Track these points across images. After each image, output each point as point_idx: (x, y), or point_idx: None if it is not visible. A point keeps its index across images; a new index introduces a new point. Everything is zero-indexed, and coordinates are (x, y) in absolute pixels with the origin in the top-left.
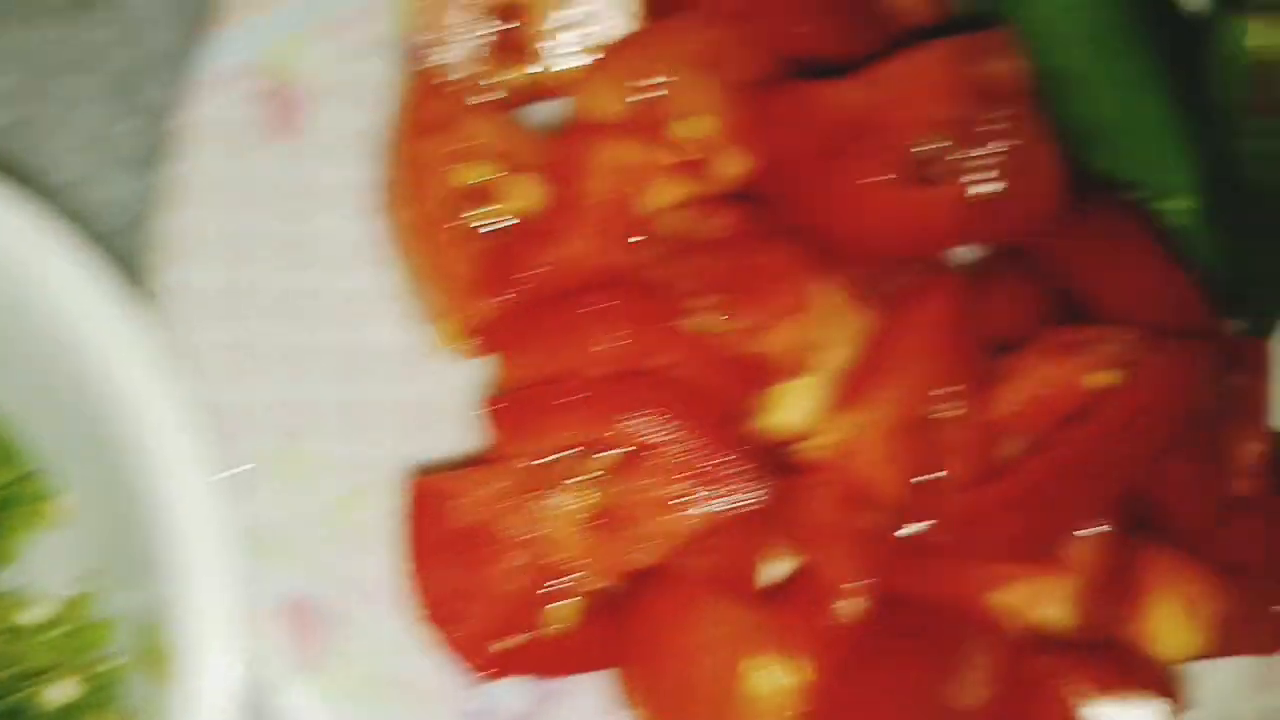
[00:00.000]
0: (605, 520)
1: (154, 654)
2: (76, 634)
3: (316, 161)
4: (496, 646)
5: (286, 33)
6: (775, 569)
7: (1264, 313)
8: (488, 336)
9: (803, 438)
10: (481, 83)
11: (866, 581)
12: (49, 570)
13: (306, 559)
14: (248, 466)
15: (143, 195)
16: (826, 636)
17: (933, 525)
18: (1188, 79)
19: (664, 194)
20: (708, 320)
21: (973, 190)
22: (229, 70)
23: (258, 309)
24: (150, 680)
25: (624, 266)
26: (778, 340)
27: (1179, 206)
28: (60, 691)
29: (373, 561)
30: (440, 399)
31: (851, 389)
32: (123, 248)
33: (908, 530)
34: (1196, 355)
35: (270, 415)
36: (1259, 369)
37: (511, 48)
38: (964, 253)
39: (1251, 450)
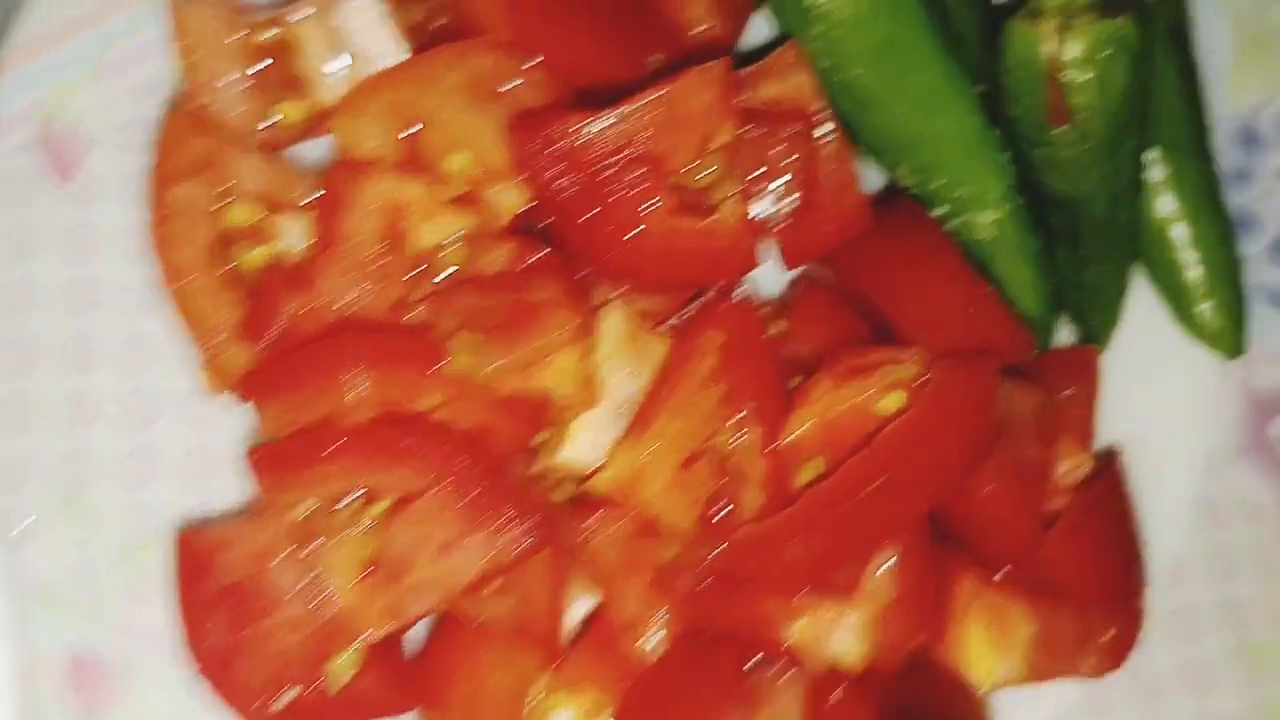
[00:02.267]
0: (379, 570)
1: None
2: None
3: (94, 206)
4: (275, 701)
5: (59, 79)
6: (579, 608)
7: (1095, 322)
8: (247, 384)
9: (593, 473)
10: (249, 122)
11: (662, 617)
12: None
13: (89, 611)
14: (30, 519)
15: None
16: (624, 673)
17: (725, 556)
18: (992, 91)
19: (436, 230)
20: (474, 361)
21: (756, 214)
22: (5, 120)
23: (38, 358)
24: None
25: (387, 307)
26: (556, 376)
27: (987, 220)
28: None
29: (156, 613)
30: (223, 447)
31: (638, 422)
32: None
33: (701, 563)
34: (983, 376)
35: (52, 466)
36: (1088, 380)
37: (281, 84)
38: (770, 274)
39: (1075, 466)
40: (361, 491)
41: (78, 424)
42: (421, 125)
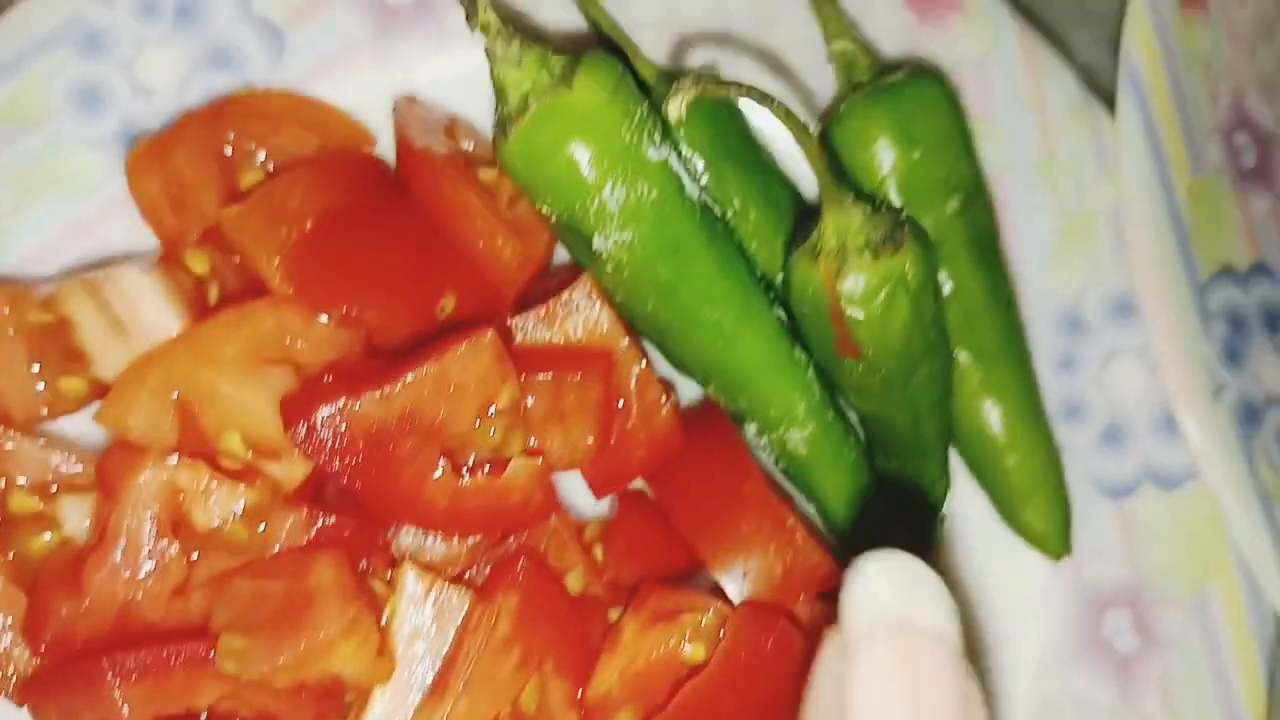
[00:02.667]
0: None
1: None
2: None
3: None
4: None
5: None
6: None
7: (919, 526)
8: (22, 690)
9: None
10: (29, 402)
11: None
12: None
13: None
14: None
15: None
16: None
17: None
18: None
19: (215, 509)
20: (244, 661)
21: (550, 463)
22: None
23: None
24: None
25: (165, 596)
26: (342, 660)
27: (797, 437)
28: None
29: None
30: None
31: (434, 691)
32: None
33: None
34: (779, 630)
35: None
36: None
37: (64, 356)
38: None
39: None
40: None
41: None
42: (195, 403)
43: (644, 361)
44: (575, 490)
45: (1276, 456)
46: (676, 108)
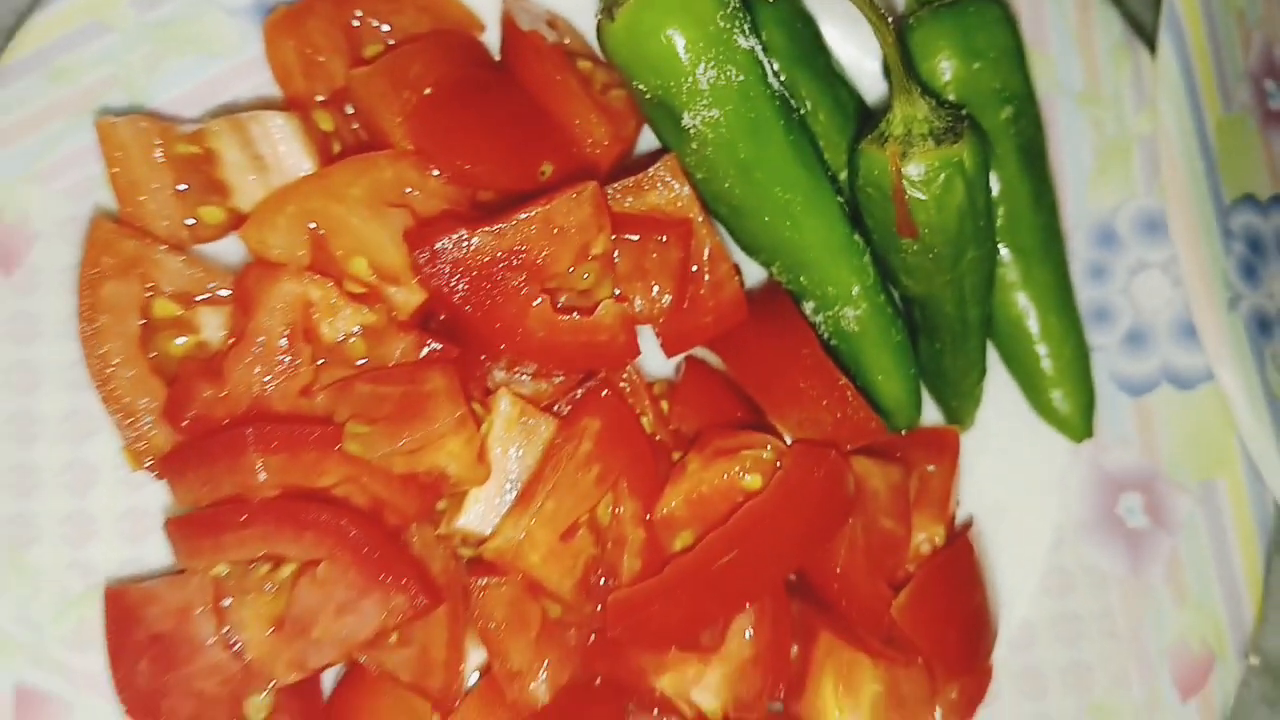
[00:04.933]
0: (287, 625)
1: None
2: None
3: (38, 296)
4: None
5: (7, 178)
6: (477, 654)
7: (956, 405)
8: (163, 463)
9: (485, 540)
10: (174, 224)
11: (545, 669)
12: None
13: (33, 655)
14: None
15: None
16: (511, 718)
17: (602, 616)
18: (853, 201)
19: (340, 325)
20: (368, 444)
21: (634, 311)
22: None
23: None
24: None
25: (293, 394)
26: (447, 456)
27: (851, 315)
28: None
29: (93, 658)
30: (155, 512)
31: (523, 497)
32: None
33: (584, 620)
34: (831, 463)
35: None
36: (949, 458)
37: (204, 190)
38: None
39: (931, 536)
40: (271, 557)
41: (21, 491)
42: (327, 231)
43: (717, 237)
44: (646, 355)
45: None
46: None
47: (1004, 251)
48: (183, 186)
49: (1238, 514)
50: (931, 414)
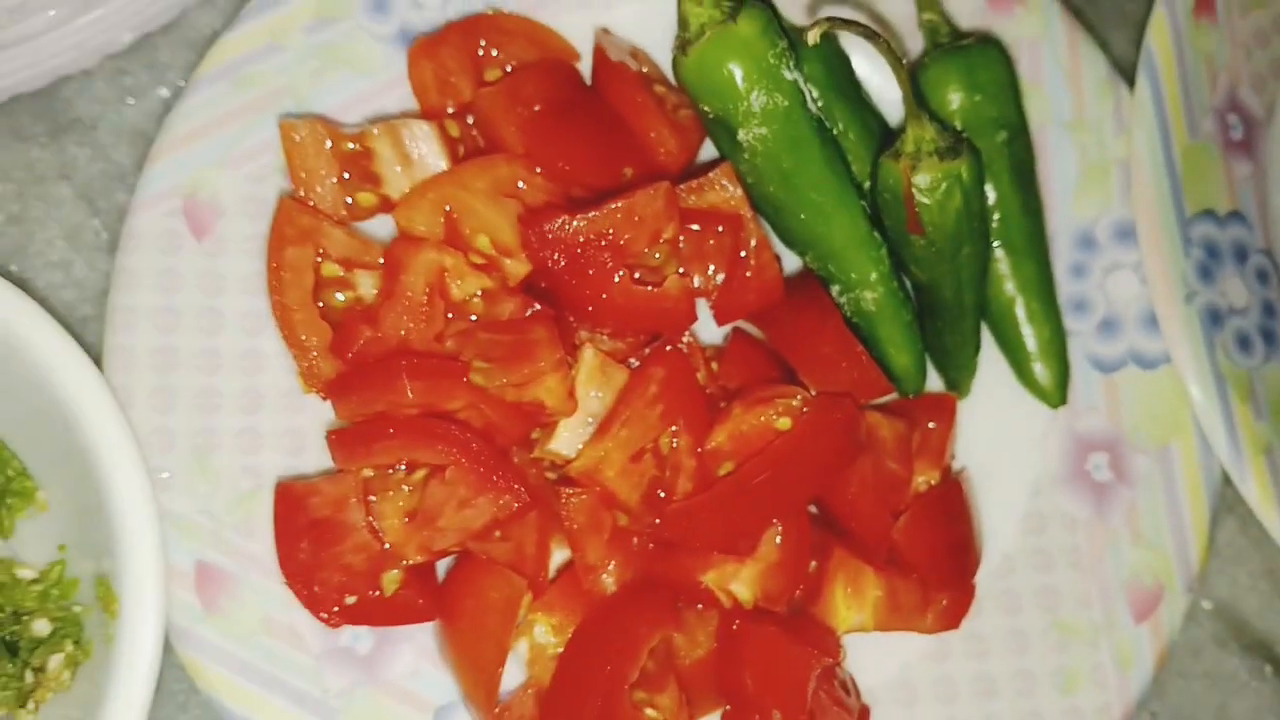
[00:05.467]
0: (418, 516)
1: (107, 601)
2: (54, 587)
3: (224, 258)
4: (342, 603)
5: (201, 164)
6: (559, 555)
7: (954, 376)
8: (330, 387)
9: (570, 461)
10: (337, 204)
11: (614, 565)
12: (34, 543)
13: (212, 537)
14: (167, 475)
15: (107, 275)
16: (586, 603)
17: (661, 525)
18: (873, 205)
19: (466, 287)
20: (488, 376)
21: (693, 286)
22: (160, 191)
23: (179, 363)
24: (104, 619)
25: (430, 339)
26: (545, 391)
27: (870, 297)
28: (42, 626)
29: (260, 540)
30: (313, 429)
31: (602, 427)
32: (92, 316)
33: (645, 528)
34: (846, 409)
35: (187, 438)
36: (946, 418)
37: (361, 179)
38: (713, 329)
39: (927, 479)
40: (409, 462)
41: (206, 410)
42: (458, 214)
43: (762, 231)
44: (702, 324)
45: (1232, 351)
46: (814, 35)
47: (997, 249)
48: (345, 175)
49: (1188, 473)
50: (934, 383)
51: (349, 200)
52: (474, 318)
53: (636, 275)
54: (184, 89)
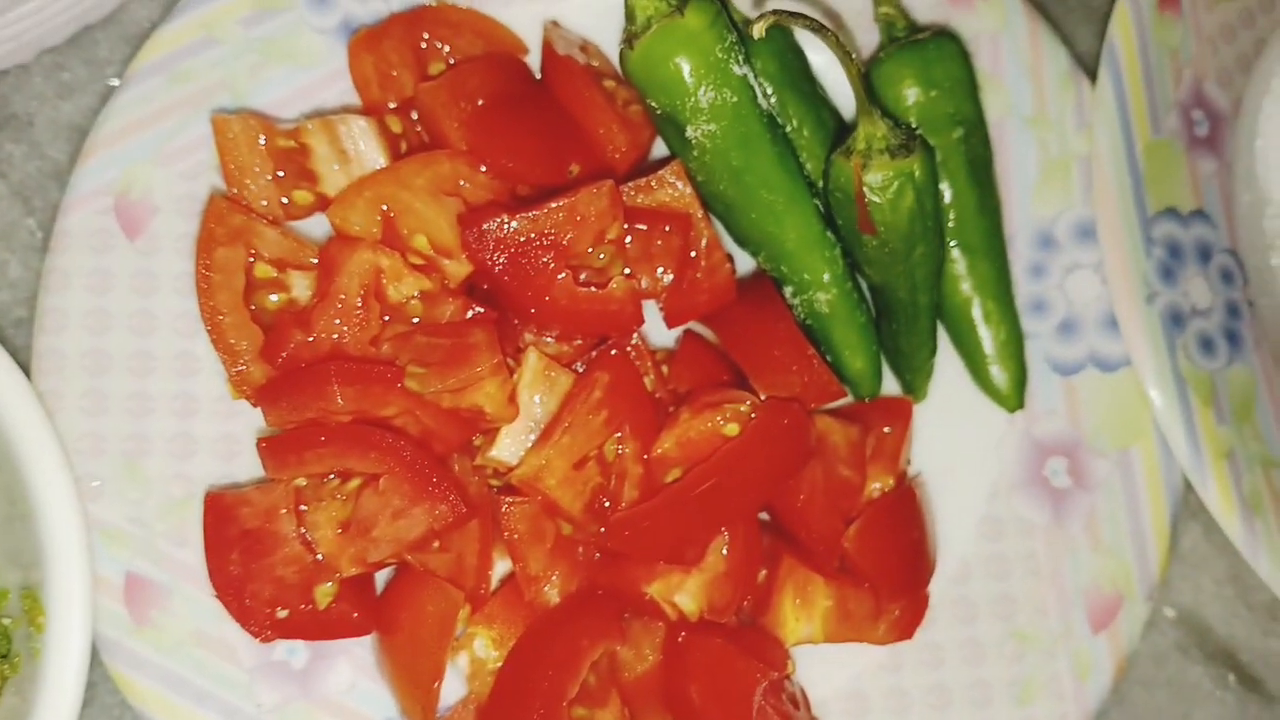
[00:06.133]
0: (352, 527)
1: (33, 614)
2: None
3: (156, 257)
4: (274, 616)
5: (134, 161)
6: (503, 565)
7: (911, 378)
8: (260, 393)
9: (512, 468)
10: (271, 203)
11: (557, 575)
12: None
13: (143, 546)
14: (97, 483)
15: (38, 276)
16: (527, 615)
17: (606, 534)
18: (827, 204)
19: (403, 289)
20: (423, 382)
21: (641, 288)
22: (92, 189)
23: (111, 365)
24: (31, 632)
25: (364, 343)
26: (484, 396)
27: (823, 299)
28: None
29: (190, 550)
30: (244, 435)
31: (545, 433)
32: (26, 318)
33: (589, 537)
34: (795, 415)
35: (119, 443)
36: (902, 422)
37: (297, 176)
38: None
39: (883, 485)
40: (341, 471)
41: (138, 414)
42: (396, 213)
43: (713, 230)
44: (651, 327)
45: (1194, 353)
46: (759, 29)
47: (953, 249)
48: (280, 173)
49: (1149, 478)
50: (891, 387)
51: (284, 199)
52: (416, 320)
53: (581, 277)
54: (117, 85)
